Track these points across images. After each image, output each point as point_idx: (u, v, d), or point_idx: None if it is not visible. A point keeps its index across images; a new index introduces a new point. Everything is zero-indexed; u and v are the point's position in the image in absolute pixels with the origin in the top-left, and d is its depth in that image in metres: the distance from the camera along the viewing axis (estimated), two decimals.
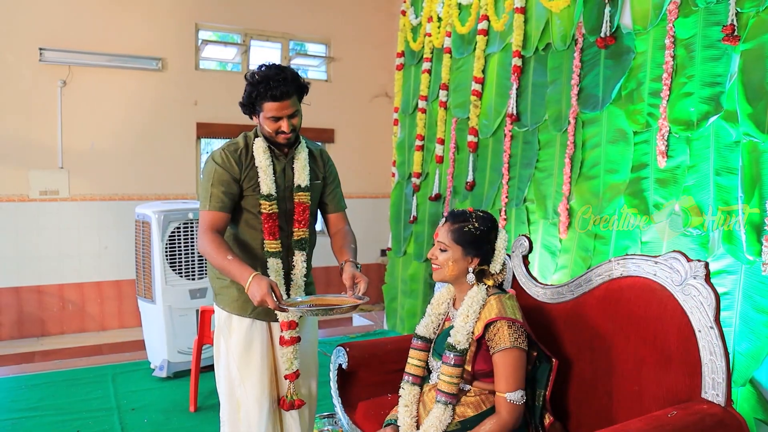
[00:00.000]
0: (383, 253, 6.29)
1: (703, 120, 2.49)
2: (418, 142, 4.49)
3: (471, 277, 1.74)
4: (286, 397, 2.06)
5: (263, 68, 1.91)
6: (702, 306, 1.55)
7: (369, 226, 6.40)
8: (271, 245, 2.00)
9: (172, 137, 5.61)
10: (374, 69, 6.30)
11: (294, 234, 2.06)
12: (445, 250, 1.76)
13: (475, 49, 3.88)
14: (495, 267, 1.76)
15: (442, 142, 4.23)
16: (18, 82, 5.02)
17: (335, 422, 2.86)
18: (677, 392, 1.59)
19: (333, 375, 2.27)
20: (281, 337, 2.04)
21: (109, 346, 4.91)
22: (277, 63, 1.94)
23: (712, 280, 1.58)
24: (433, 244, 1.81)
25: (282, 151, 2.03)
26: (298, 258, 2.07)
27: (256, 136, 2.02)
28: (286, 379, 2.06)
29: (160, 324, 3.67)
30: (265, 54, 6.06)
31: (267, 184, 1.98)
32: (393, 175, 4.89)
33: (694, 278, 1.58)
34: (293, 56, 6.07)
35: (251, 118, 2.00)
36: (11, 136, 5.04)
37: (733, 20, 2.35)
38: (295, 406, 2.06)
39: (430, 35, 4.38)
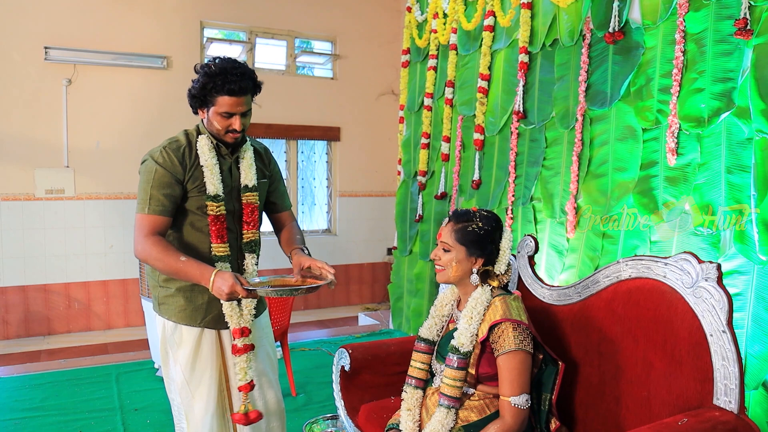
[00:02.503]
0: (389, 251, 6.25)
1: (715, 116, 2.43)
2: (423, 140, 4.45)
3: (475, 278, 1.70)
4: (242, 410, 1.88)
5: (218, 60, 1.81)
6: (714, 309, 1.50)
7: (375, 224, 6.37)
8: (220, 249, 1.88)
9: None
10: (380, 66, 6.25)
11: (244, 236, 1.96)
12: (448, 251, 1.72)
13: (481, 45, 3.83)
14: (500, 267, 1.72)
15: (447, 139, 4.19)
16: (23, 80, 5.02)
17: (338, 424, 2.83)
18: (688, 398, 1.55)
19: (336, 377, 2.24)
20: (234, 346, 1.89)
21: (115, 345, 4.90)
22: (233, 58, 1.85)
23: (724, 281, 1.53)
24: (437, 244, 1.77)
25: (228, 149, 1.93)
26: (249, 261, 1.97)
27: (200, 133, 1.91)
28: (240, 390, 1.90)
29: None
30: (270, 52, 6.03)
31: (214, 184, 1.85)
32: (399, 173, 4.85)
33: (706, 280, 1.53)
34: (299, 54, 6.03)
35: (196, 112, 1.89)
36: (17, 134, 5.04)
37: (746, 14, 2.30)
38: (251, 420, 1.88)
39: (435, 32, 4.33)
